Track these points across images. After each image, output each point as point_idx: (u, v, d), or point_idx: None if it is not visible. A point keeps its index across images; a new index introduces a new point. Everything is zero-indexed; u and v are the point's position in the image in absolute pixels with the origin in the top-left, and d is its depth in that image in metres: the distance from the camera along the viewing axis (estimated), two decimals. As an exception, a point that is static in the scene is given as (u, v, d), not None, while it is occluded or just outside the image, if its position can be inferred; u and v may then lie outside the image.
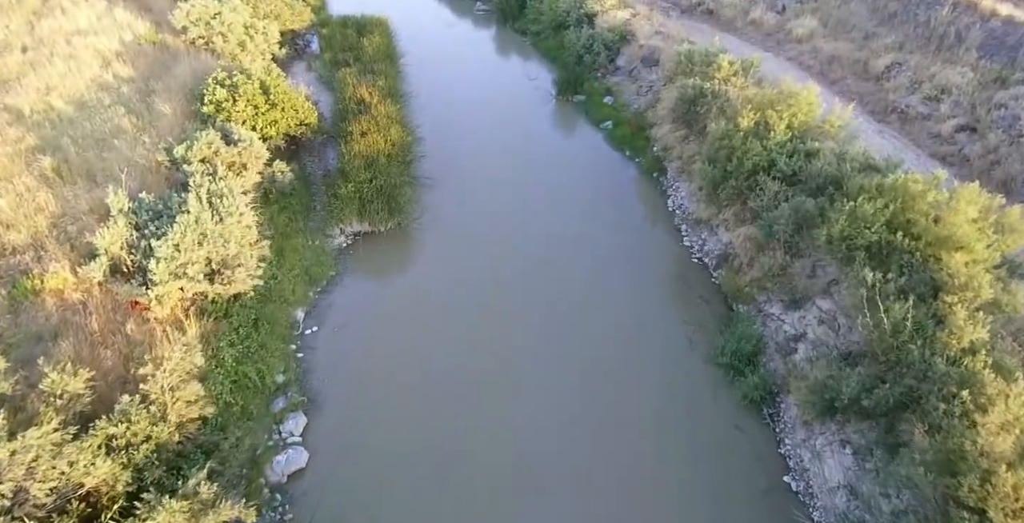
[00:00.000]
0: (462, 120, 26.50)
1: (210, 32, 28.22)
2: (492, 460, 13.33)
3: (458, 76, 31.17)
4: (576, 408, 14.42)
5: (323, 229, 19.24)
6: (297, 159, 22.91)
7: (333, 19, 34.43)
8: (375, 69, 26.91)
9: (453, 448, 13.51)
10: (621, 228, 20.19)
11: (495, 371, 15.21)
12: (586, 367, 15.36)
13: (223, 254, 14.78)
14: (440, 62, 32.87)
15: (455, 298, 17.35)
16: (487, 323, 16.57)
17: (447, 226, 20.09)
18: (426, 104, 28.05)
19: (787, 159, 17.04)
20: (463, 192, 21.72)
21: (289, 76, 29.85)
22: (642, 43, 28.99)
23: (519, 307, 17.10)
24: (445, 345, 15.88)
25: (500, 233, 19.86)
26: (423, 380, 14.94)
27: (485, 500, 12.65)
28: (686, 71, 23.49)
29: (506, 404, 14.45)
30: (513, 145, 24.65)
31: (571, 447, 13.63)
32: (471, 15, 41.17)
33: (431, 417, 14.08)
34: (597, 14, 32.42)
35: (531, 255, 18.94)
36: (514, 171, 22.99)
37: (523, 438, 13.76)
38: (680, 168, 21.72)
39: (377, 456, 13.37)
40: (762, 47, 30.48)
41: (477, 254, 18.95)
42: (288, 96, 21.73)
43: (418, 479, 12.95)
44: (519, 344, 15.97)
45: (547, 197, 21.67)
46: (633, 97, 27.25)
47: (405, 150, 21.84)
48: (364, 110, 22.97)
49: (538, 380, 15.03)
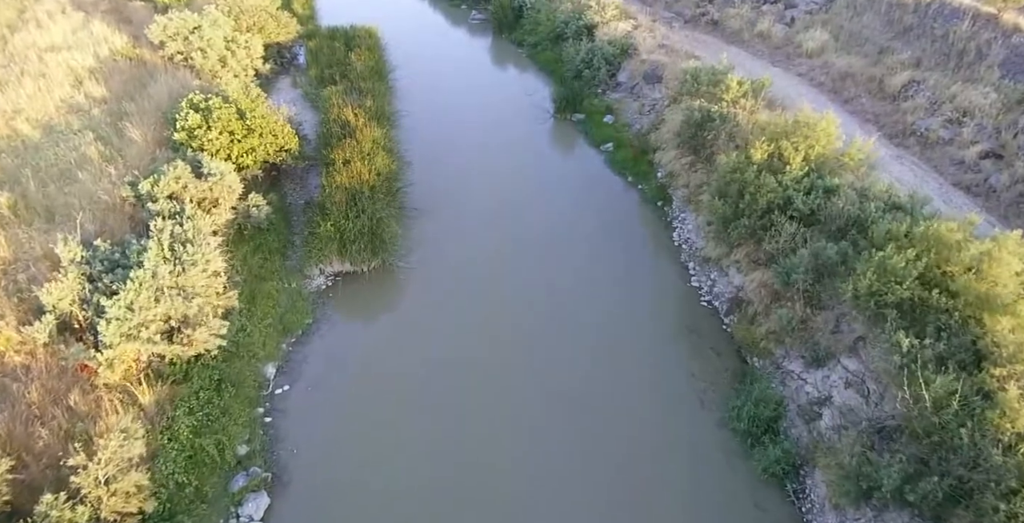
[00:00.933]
0: (454, 141, 25.05)
1: (189, 48, 26.78)
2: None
3: (451, 91, 29.72)
4: (578, 482, 12.95)
5: (301, 269, 17.76)
6: (278, 187, 21.48)
7: (321, 30, 32.94)
8: (362, 87, 25.42)
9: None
10: (623, 265, 18.72)
11: (490, 440, 13.69)
12: (589, 435, 13.85)
13: (183, 311, 13.33)
14: (433, 75, 31.43)
15: (444, 348, 15.89)
16: (480, 377, 15.10)
17: (436, 264, 18.64)
18: (417, 123, 26.60)
19: (804, 197, 15.60)
20: (454, 224, 20.26)
21: (273, 93, 28.50)
22: (644, 58, 27.55)
23: (515, 359, 15.64)
24: (432, 407, 14.40)
25: (494, 271, 18.41)
26: (407, 451, 13.43)
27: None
28: (692, 91, 22.04)
29: (503, 481, 12.96)
30: (508, 169, 23.21)
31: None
32: (466, 24, 39.74)
33: (417, 497, 12.57)
34: (597, 25, 30.98)
35: (527, 297, 17.49)
36: (509, 199, 21.54)
37: (520, 519, 12.32)
38: (686, 197, 20.27)
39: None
40: (770, 61, 29.06)
41: (469, 296, 17.50)
42: (267, 120, 20.27)
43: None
44: (515, 408, 14.47)
45: (544, 228, 20.22)
46: (635, 116, 25.79)
47: (392, 179, 20.40)
48: (349, 134, 21.51)
49: (537, 454, 13.51)
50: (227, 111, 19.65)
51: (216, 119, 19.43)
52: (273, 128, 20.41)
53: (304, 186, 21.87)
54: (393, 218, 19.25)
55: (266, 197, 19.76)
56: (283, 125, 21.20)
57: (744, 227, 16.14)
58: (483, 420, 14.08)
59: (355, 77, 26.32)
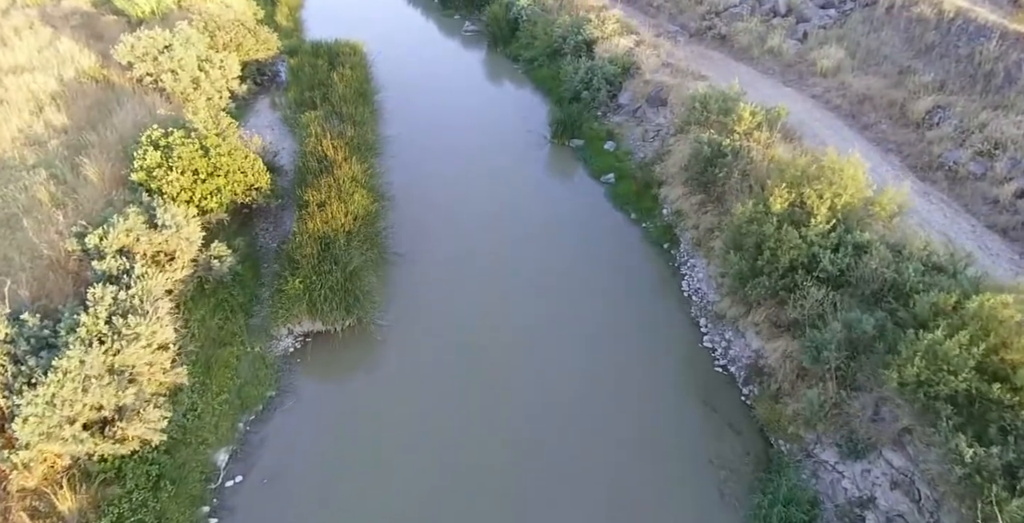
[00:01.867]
0: (443, 170, 23.19)
1: (158, 69, 24.92)
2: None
3: (441, 112, 27.88)
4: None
5: (267, 329, 15.87)
6: (248, 228, 19.64)
7: (304, 46, 31.04)
8: (344, 112, 23.56)
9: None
10: (628, 319, 16.87)
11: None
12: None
13: (118, 401, 11.51)
14: (422, 93, 29.60)
15: (426, 423, 14.05)
16: (472, 459, 13.26)
17: (419, 319, 16.78)
18: (403, 149, 24.74)
19: (832, 254, 13.77)
20: (439, 270, 18.41)
21: (251, 115, 26.68)
22: (648, 78, 25.70)
23: (508, 435, 13.80)
24: (417, 498, 12.56)
25: (483, 326, 16.58)
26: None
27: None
28: (700, 120, 20.21)
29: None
30: (500, 204, 21.36)
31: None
32: (459, 35, 37.91)
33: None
34: (596, 41, 29.13)
35: (521, 361, 15.65)
36: (500, 240, 19.70)
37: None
38: (696, 241, 18.44)
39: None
40: (782, 80, 27.24)
41: (455, 358, 15.65)
42: (234, 157, 18.41)
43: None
44: (510, 495, 12.65)
45: (538, 275, 18.38)
46: (638, 143, 23.94)
47: (371, 220, 18.54)
48: (326, 169, 19.66)
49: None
50: (189, 148, 17.81)
51: (177, 157, 17.59)
52: (241, 165, 18.55)
53: (278, 225, 20.03)
54: (371, 267, 17.39)
55: (234, 241, 17.96)
56: (254, 160, 19.35)
57: (764, 287, 14.30)
58: (477, 508, 12.26)
59: (337, 100, 24.45)
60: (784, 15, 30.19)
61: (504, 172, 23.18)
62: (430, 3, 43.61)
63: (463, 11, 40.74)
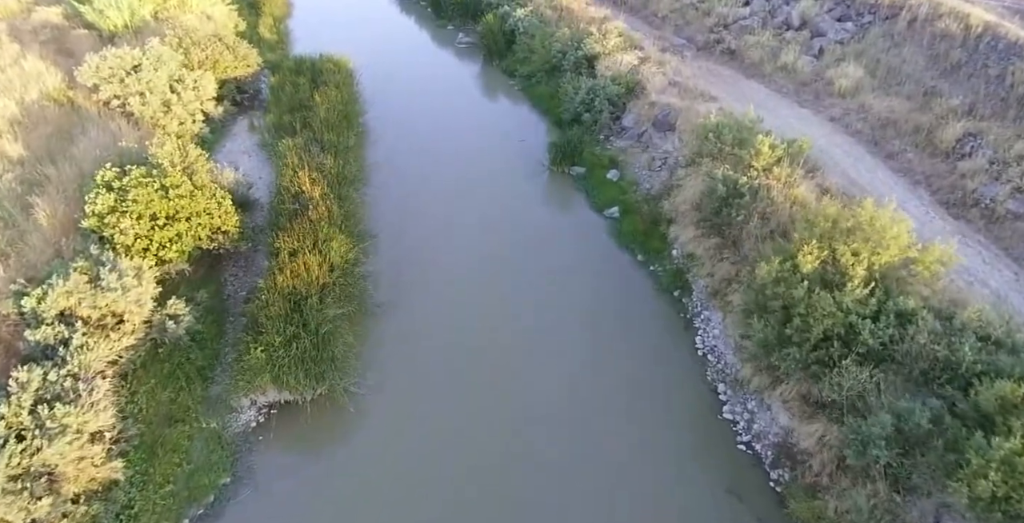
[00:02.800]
0: (432, 203, 21.34)
1: (126, 91, 23.06)
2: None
3: (432, 134, 26.01)
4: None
5: (227, 398, 14.01)
6: (215, 274, 17.80)
7: (287, 62, 29.16)
8: (325, 140, 21.71)
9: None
10: (635, 381, 15.02)
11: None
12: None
13: (30, 515, 9.68)
14: (412, 113, 27.77)
15: (409, 514, 12.23)
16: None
17: (401, 383, 14.92)
18: (389, 177, 22.89)
19: (872, 325, 11.95)
20: (427, 324, 16.57)
21: (228, 139, 24.84)
22: (653, 99, 23.86)
23: None
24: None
25: (473, 389, 14.75)
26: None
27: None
28: (713, 152, 18.39)
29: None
30: (495, 243, 19.52)
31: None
32: (452, 47, 36.06)
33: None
34: (598, 57, 27.27)
35: (516, 429, 13.85)
36: (495, 286, 17.87)
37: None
38: (711, 290, 16.61)
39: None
40: (797, 100, 25.43)
41: (441, 432, 13.81)
42: (198, 199, 16.57)
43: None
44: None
45: (537, 327, 16.56)
46: (644, 172, 22.10)
47: (351, 268, 16.69)
48: (303, 209, 17.84)
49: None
50: (147, 190, 15.97)
51: (132, 201, 15.75)
52: (207, 206, 16.72)
53: (250, 269, 18.17)
54: (348, 322, 15.57)
55: (197, 293, 16.14)
56: (222, 197, 17.52)
57: (794, 360, 12.47)
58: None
59: (318, 125, 22.60)
60: (798, 28, 28.39)
61: (499, 205, 21.33)
62: (423, 12, 41.80)
63: (457, 21, 38.91)
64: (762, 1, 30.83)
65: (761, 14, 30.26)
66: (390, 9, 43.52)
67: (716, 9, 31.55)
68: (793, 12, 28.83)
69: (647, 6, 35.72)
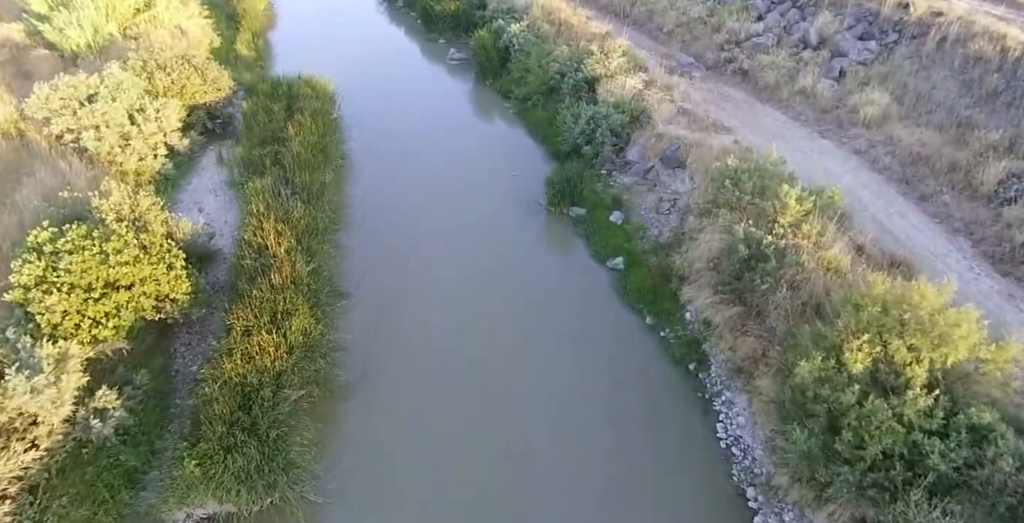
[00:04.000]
0: (413, 253, 19.12)
1: (80, 125, 20.85)
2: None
3: (417, 165, 23.83)
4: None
5: (158, 512, 11.79)
6: (162, 346, 15.59)
7: (262, 84, 26.91)
8: (297, 181, 19.52)
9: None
10: (646, 476, 12.83)
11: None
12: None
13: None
14: (395, 140, 25.61)
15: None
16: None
17: (369, 496, 12.72)
18: (367, 218, 20.69)
19: (941, 445, 9.80)
20: (403, 405, 14.34)
21: (193, 174, 22.66)
22: (660, 130, 21.68)
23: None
24: None
25: (461, 498, 12.58)
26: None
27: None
28: (731, 202, 16.22)
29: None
30: (483, 301, 17.33)
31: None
32: (443, 63, 33.88)
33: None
34: (599, 80, 25.09)
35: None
36: (483, 356, 15.69)
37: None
38: (732, 366, 14.45)
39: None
40: (817, 129, 23.27)
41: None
42: (140, 268, 14.36)
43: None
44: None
45: (530, 402, 14.40)
46: (651, 215, 19.92)
47: (315, 343, 14.47)
48: (264, 269, 15.66)
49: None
50: (83, 256, 13.79)
51: (64, 271, 13.58)
52: (152, 272, 14.54)
53: (207, 337, 15.97)
54: (309, 412, 13.40)
55: (137, 373, 13.94)
56: (175, 257, 15.35)
57: (846, 482, 10.32)
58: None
59: (291, 162, 20.40)
60: (816, 48, 26.20)
61: (489, 253, 19.15)
62: (413, 24, 39.64)
63: (448, 34, 36.73)
64: (776, 15, 28.63)
65: (776, 30, 28.07)
66: (379, 20, 41.39)
67: (726, 24, 29.36)
68: (810, 29, 26.63)
69: (651, 19, 33.57)
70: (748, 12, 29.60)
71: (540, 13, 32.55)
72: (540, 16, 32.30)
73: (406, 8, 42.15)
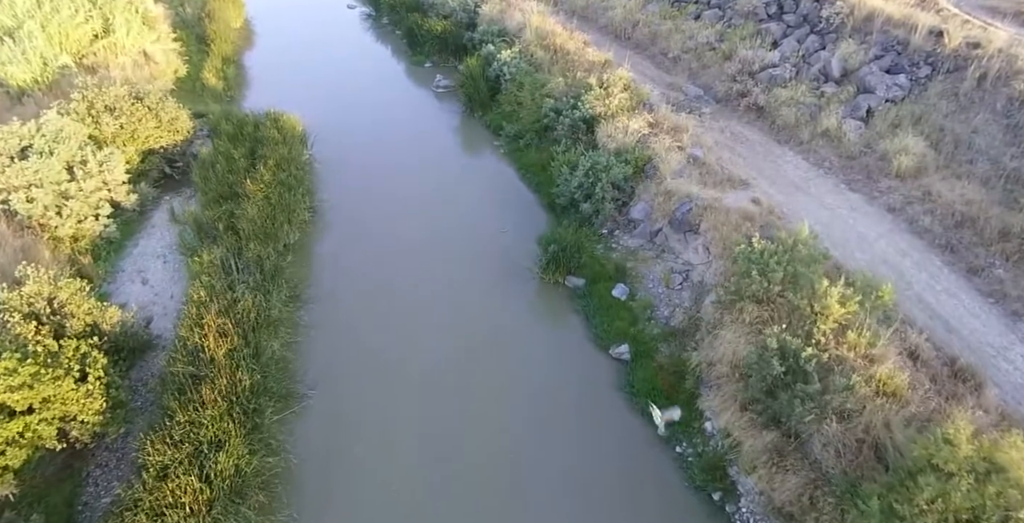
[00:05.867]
0: (383, 332, 16.57)
1: (9, 184, 18.25)
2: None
3: (394, 215, 21.27)
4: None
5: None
6: (69, 474, 12.94)
7: (226, 123, 24.23)
8: (251, 254, 16.91)
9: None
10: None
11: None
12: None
13: None
14: (372, 183, 23.19)
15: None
16: None
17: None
18: (330, 292, 18.06)
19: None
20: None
21: (142, 234, 20.16)
22: (669, 186, 19.07)
23: None
24: None
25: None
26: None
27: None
28: (758, 294, 13.63)
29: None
30: (464, 405, 14.70)
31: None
32: (429, 91, 31.25)
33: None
34: (599, 119, 22.49)
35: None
36: (460, 481, 13.10)
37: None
38: (771, 507, 11.85)
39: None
40: (843, 178, 20.73)
41: None
42: (45, 386, 11.78)
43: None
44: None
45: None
46: (660, 290, 17.32)
47: (249, 482, 11.88)
48: (196, 381, 13.05)
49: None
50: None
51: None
52: (57, 392, 11.95)
53: (128, 453, 13.34)
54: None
55: (29, 516, 11.36)
56: (95, 360, 12.77)
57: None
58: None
59: (246, 228, 17.78)
60: (839, 81, 23.61)
61: (472, 337, 16.52)
62: (399, 44, 37.00)
63: (436, 58, 34.12)
64: (793, 43, 26.00)
65: (793, 60, 25.45)
66: (361, 39, 38.78)
67: (738, 52, 26.77)
68: (832, 59, 24.03)
69: (655, 43, 30.98)
70: (762, 38, 27.00)
71: (533, 37, 29.93)
72: (533, 40, 29.68)
73: (391, 26, 39.59)
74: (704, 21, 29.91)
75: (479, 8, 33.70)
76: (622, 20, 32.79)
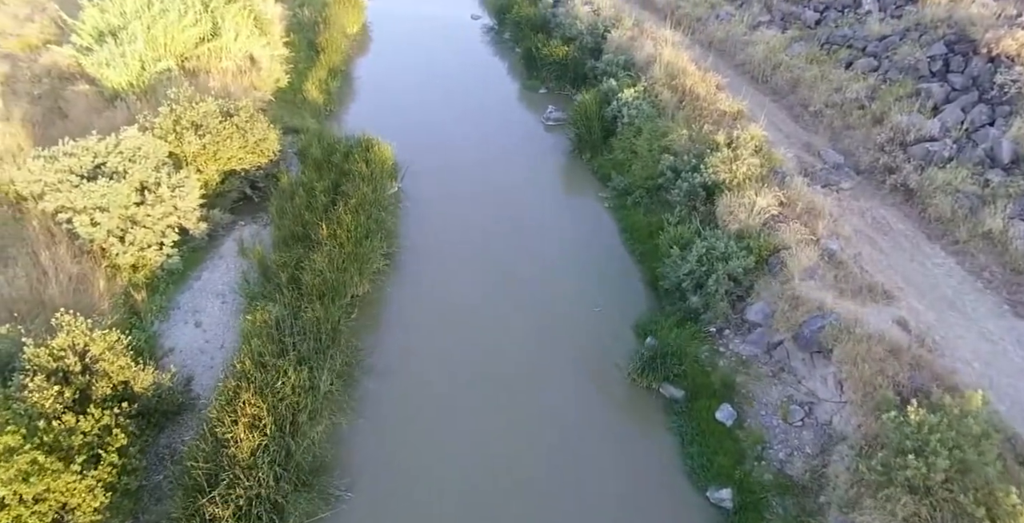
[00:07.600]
0: (440, 428, 14.41)
1: (76, 205, 17.10)
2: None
3: (475, 271, 19.17)
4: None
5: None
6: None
7: (318, 145, 22.71)
8: (308, 316, 15.07)
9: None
10: None
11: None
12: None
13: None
14: (457, 225, 21.29)
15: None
16: None
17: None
18: (384, 372, 15.99)
19: None
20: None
21: (206, 266, 18.82)
22: (797, 290, 16.03)
23: None
24: None
25: None
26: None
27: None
28: (915, 482, 10.63)
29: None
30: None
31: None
32: (538, 121, 29.02)
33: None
34: (721, 187, 19.63)
35: None
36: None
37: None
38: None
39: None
40: (1008, 297, 17.21)
41: None
42: (40, 480, 10.19)
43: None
44: None
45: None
46: (775, 422, 14.38)
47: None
48: (212, 482, 11.21)
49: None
50: None
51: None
52: (54, 484, 10.32)
53: None
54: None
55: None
56: (113, 439, 11.16)
57: None
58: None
59: (311, 285, 15.96)
60: (1008, 168, 19.81)
61: (543, 453, 14.12)
62: (515, 62, 34.95)
63: (551, 84, 31.86)
64: (956, 111, 22.20)
65: (955, 133, 21.70)
66: (479, 52, 36.96)
67: (891, 116, 23.20)
68: (1003, 140, 20.21)
69: (796, 91, 27.69)
70: (921, 101, 23.28)
71: (662, 74, 27.13)
72: (661, 78, 26.88)
73: (512, 42, 37.59)
74: (856, 71, 26.41)
75: (608, 32, 31.16)
76: (762, 59, 29.60)
